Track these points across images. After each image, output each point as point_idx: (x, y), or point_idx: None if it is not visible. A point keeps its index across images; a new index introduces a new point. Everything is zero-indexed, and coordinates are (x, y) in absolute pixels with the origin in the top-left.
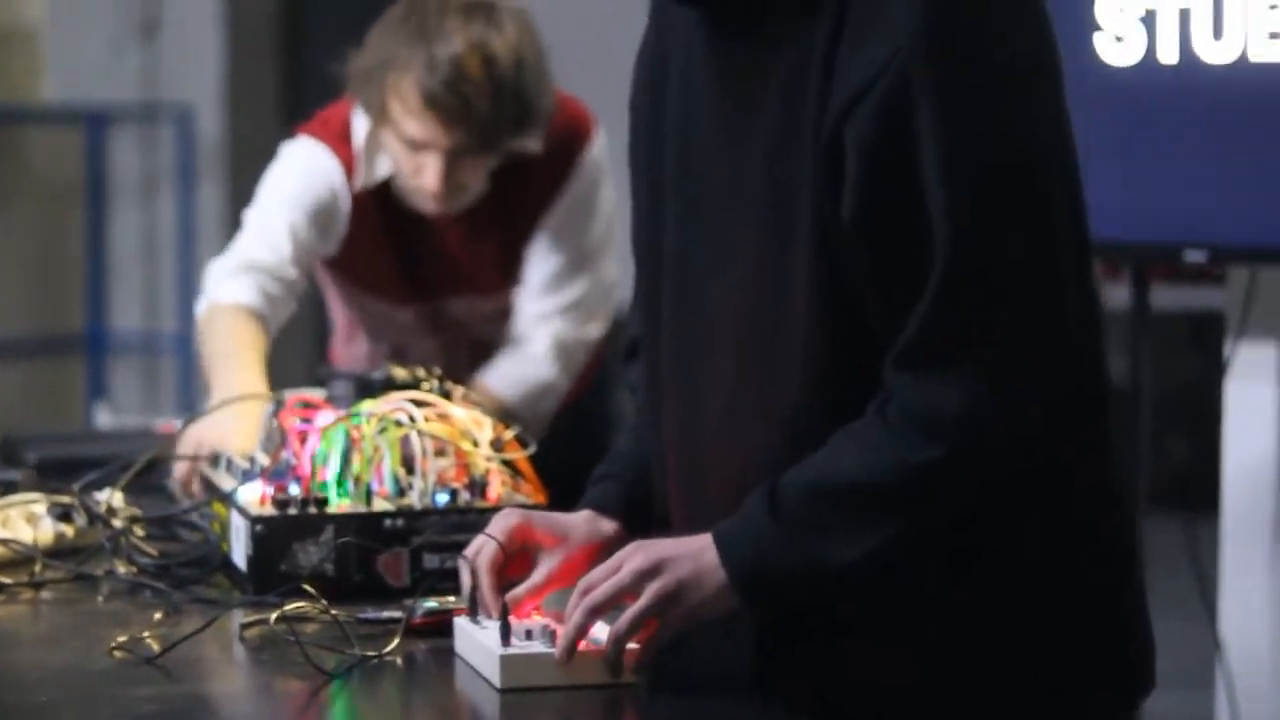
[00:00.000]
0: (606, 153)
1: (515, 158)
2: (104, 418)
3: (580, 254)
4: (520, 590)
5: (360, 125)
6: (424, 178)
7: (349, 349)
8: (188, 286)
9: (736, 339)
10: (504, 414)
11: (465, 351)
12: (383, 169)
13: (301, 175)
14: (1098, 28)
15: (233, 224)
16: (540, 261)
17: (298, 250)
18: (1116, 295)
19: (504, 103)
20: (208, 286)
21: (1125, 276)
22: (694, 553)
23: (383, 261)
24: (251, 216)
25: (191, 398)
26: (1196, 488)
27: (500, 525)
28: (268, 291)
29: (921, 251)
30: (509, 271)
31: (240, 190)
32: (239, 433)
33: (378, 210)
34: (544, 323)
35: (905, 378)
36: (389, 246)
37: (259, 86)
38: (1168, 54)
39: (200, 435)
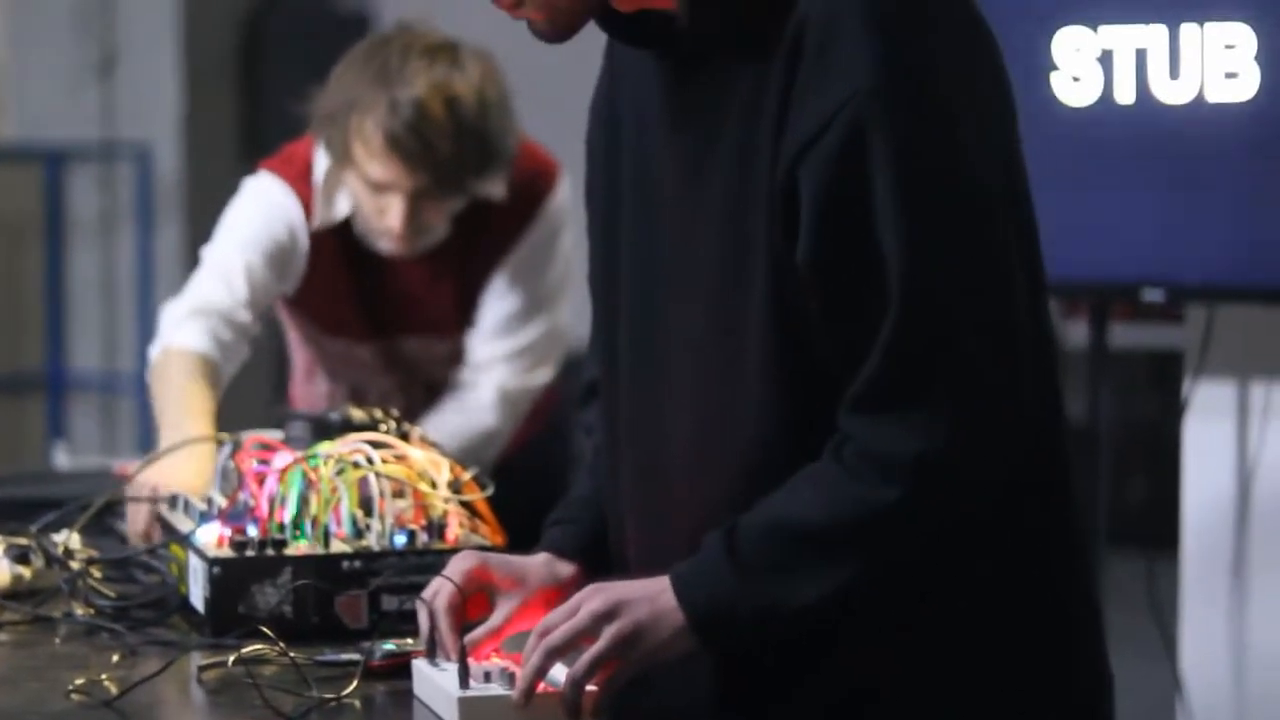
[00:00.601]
0: (570, 200)
1: (479, 201)
2: (62, 458)
3: (535, 299)
4: (479, 633)
5: (321, 163)
6: (387, 219)
7: (308, 388)
8: (146, 326)
9: (694, 381)
10: None
11: (420, 392)
12: (342, 208)
13: (260, 213)
14: (1055, 67)
15: (191, 263)
16: (495, 303)
17: (253, 292)
18: (1076, 334)
19: (467, 144)
20: (162, 329)
21: (1084, 315)
22: (652, 595)
23: (341, 299)
24: (208, 255)
25: (150, 438)
26: (1155, 527)
27: (458, 567)
28: (220, 337)
29: (875, 294)
30: (466, 313)
31: (199, 229)
32: (191, 475)
33: (336, 248)
34: (491, 369)
35: (861, 420)
36: (347, 284)
37: (217, 125)
38: (1124, 94)
39: (150, 481)
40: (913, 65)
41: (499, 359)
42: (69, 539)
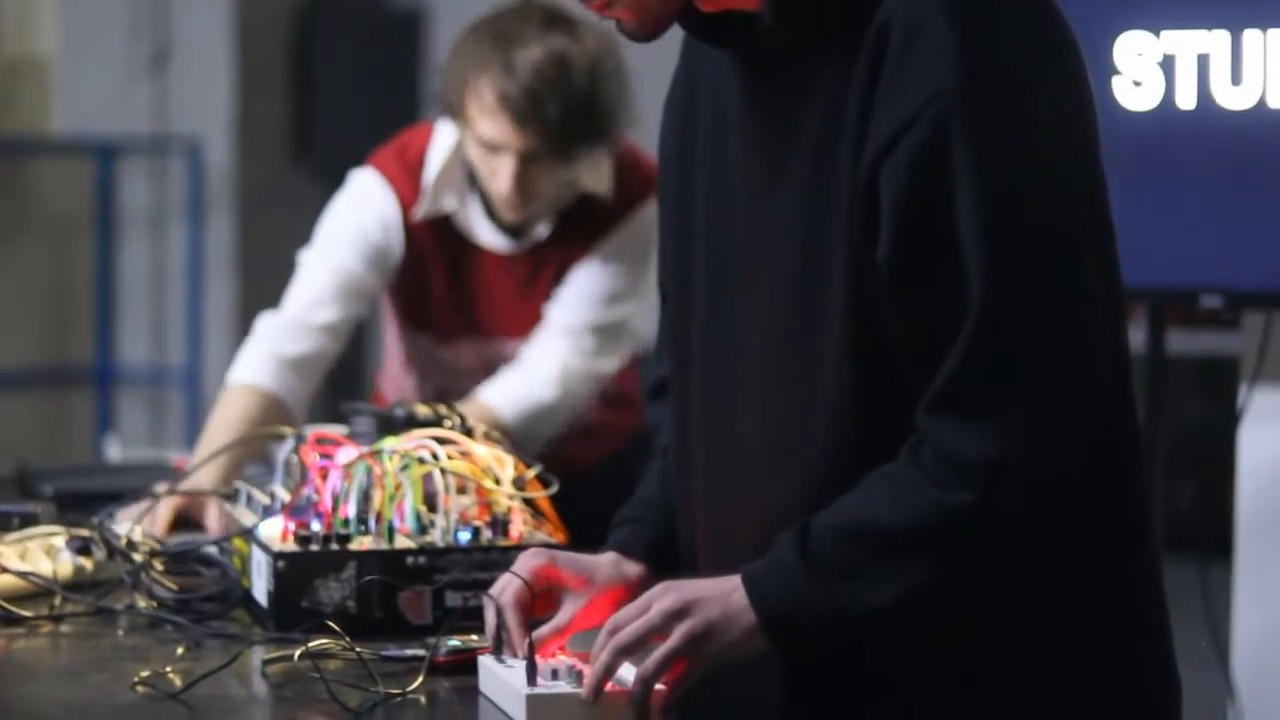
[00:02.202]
0: None
1: (583, 197)
2: (114, 450)
3: (616, 286)
4: (545, 630)
5: (437, 153)
6: (497, 180)
7: (398, 383)
8: (196, 319)
9: (768, 381)
10: (498, 429)
11: None
12: (449, 203)
13: (354, 210)
14: (1116, 72)
15: (243, 257)
16: (578, 281)
17: (346, 296)
18: (1131, 339)
19: (576, 110)
20: (245, 350)
21: (1140, 320)
22: (723, 594)
23: (434, 296)
24: (307, 261)
25: (198, 431)
26: (1205, 532)
27: (526, 564)
28: (287, 355)
29: (955, 296)
30: None
31: (249, 224)
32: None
33: (436, 244)
34: (558, 341)
35: (938, 421)
36: (443, 281)
37: (268, 121)
38: (1186, 99)
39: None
40: (996, 67)
41: (568, 333)
42: (131, 531)
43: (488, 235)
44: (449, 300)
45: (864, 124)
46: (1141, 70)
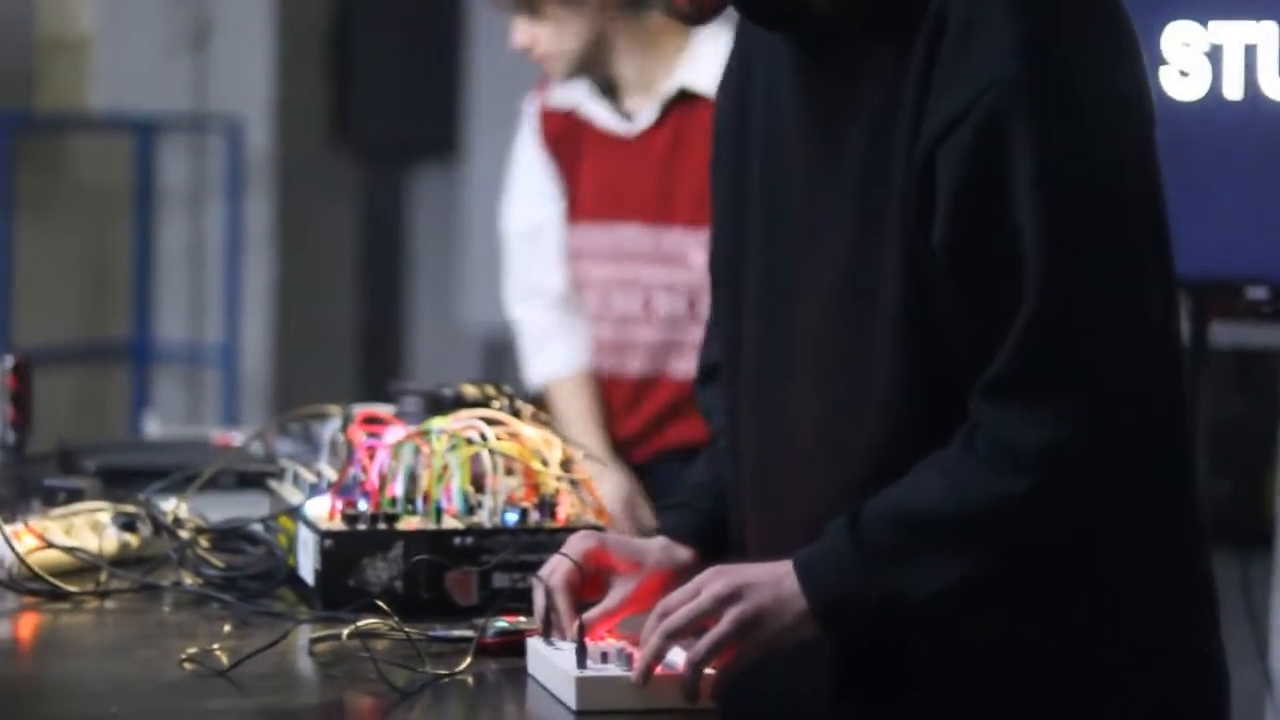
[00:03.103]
0: None
1: (685, 91)
2: (153, 427)
3: None
4: (594, 613)
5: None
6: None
7: None
8: (233, 297)
9: (820, 366)
10: None
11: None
12: (569, 95)
13: (521, 144)
14: (1164, 62)
15: (281, 236)
16: None
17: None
18: None
19: None
20: (530, 347)
21: (1183, 312)
22: (774, 579)
23: (567, 184)
24: (516, 228)
25: (234, 409)
26: (1245, 525)
27: (576, 547)
28: (564, 319)
29: (1011, 283)
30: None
31: (287, 203)
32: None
33: (566, 136)
34: None
35: (993, 409)
36: (573, 169)
37: (308, 100)
38: (1233, 90)
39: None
40: (1055, 55)
41: None
42: (177, 508)
43: (603, 116)
44: (577, 186)
45: (920, 108)
46: (1188, 60)
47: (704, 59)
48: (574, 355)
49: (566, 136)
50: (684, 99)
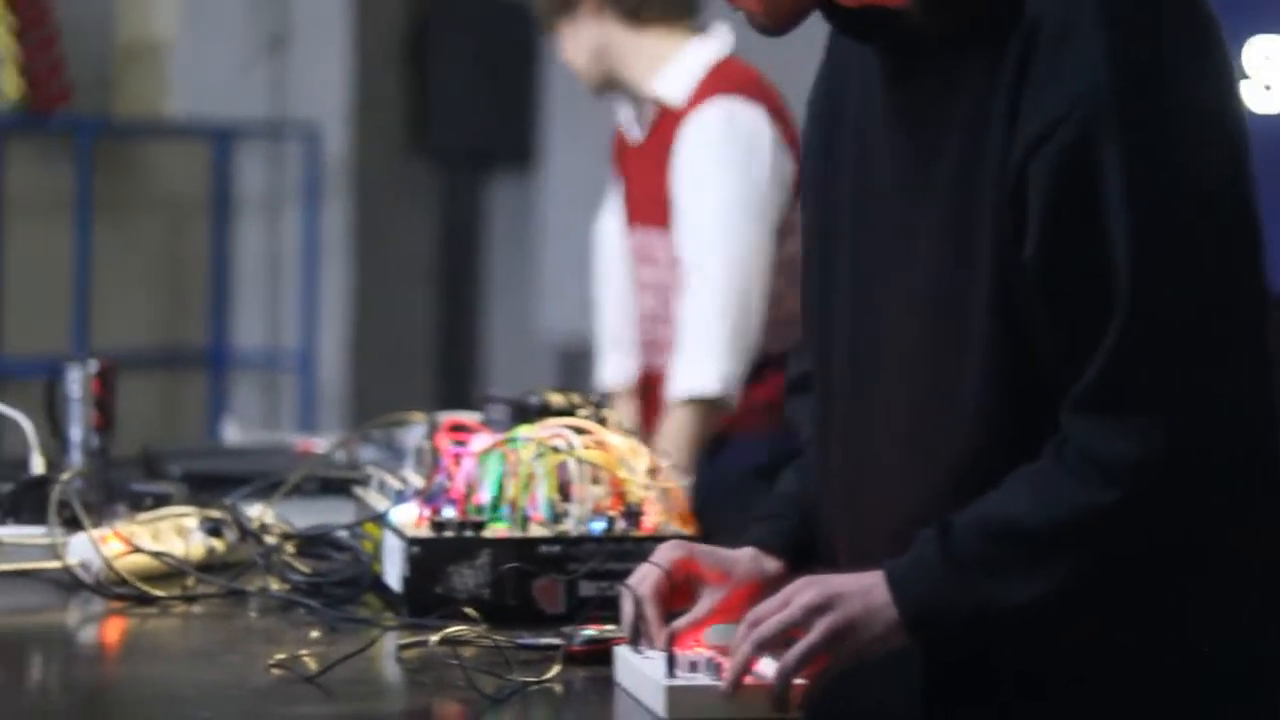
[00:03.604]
0: None
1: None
2: (232, 433)
3: None
4: (682, 622)
5: None
6: None
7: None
8: (310, 304)
9: (910, 379)
10: None
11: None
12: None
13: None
14: (1245, 76)
15: (358, 243)
16: None
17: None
18: None
19: None
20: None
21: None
22: (865, 589)
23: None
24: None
25: (311, 415)
26: None
27: (665, 555)
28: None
29: (1103, 295)
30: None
31: (365, 210)
32: None
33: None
34: None
35: (1083, 421)
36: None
37: (385, 107)
38: None
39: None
40: (1147, 68)
41: None
42: (263, 513)
43: (627, 125)
44: (622, 194)
45: (1012, 121)
46: (1271, 74)
47: (676, 72)
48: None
49: (619, 147)
50: (661, 108)
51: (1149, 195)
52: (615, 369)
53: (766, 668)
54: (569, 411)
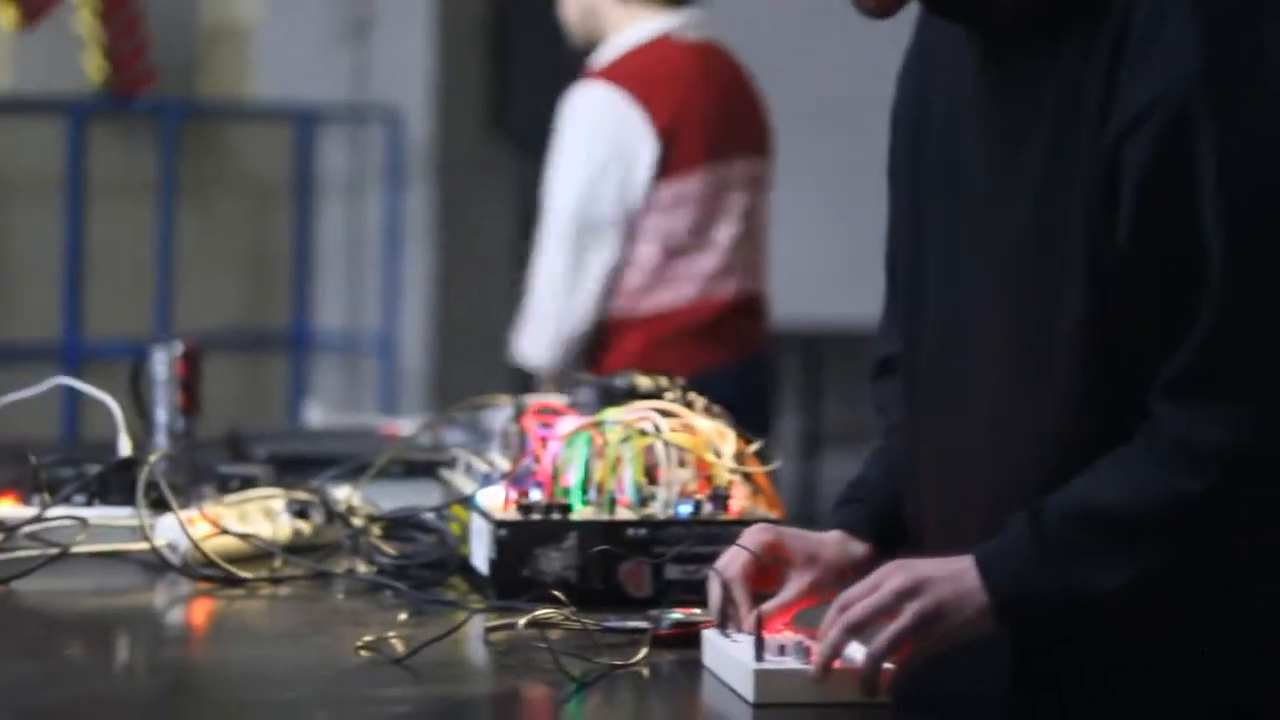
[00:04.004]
0: None
1: None
2: (314, 415)
3: None
4: (770, 605)
5: None
6: None
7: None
8: (392, 286)
9: (1001, 363)
10: None
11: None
12: None
13: None
14: None
15: (440, 225)
16: None
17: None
18: None
19: None
20: None
21: None
22: (955, 574)
23: None
24: None
25: (392, 397)
26: None
27: (753, 539)
28: None
29: (1195, 281)
30: None
31: (447, 193)
32: None
33: None
34: None
35: (1173, 406)
36: None
37: (467, 91)
38: None
39: None
40: (1241, 51)
41: None
42: (350, 496)
43: None
44: None
45: (1105, 105)
46: None
47: (609, 49)
48: None
49: None
50: None
51: (1243, 180)
52: None
53: (855, 651)
54: (656, 394)
